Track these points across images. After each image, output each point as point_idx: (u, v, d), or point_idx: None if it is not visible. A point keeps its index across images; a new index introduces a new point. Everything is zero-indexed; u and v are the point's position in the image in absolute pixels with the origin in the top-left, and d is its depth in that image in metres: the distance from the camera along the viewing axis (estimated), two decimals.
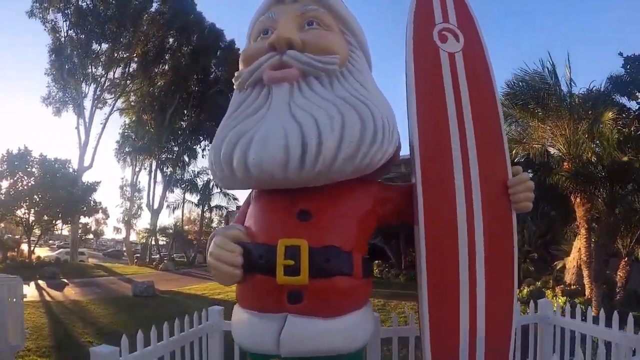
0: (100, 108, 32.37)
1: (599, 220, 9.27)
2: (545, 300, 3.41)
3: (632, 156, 7.90)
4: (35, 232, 24.11)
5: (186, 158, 36.68)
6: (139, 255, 35.56)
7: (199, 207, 36.89)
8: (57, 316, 8.86)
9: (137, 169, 36.32)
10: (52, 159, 22.42)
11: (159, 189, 36.09)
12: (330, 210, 1.79)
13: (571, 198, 9.25)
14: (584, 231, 8.94)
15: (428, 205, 1.82)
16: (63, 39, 29.41)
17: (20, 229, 23.35)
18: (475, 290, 1.80)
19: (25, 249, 23.44)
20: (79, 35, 29.29)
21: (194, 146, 37.19)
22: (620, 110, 10.76)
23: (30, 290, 12.02)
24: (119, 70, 32.49)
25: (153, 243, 37.26)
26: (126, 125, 35.45)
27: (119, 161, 35.39)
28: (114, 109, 33.54)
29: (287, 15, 1.94)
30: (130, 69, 33.06)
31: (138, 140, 33.94)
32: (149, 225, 35.72)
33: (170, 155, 35.97)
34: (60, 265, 22.48)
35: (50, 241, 51.34)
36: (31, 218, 22.08)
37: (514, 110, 10.20)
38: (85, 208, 24.32)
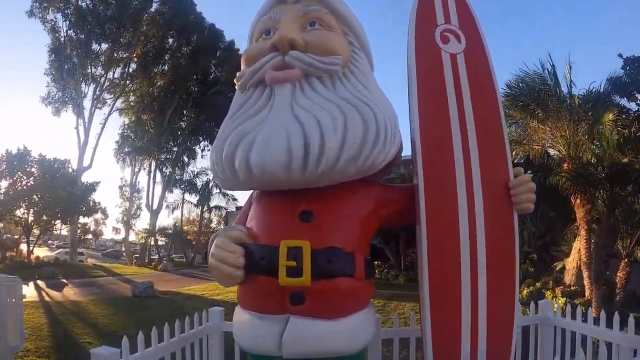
0: (100, 108, 32.41)
1: (599, 222, 9.26)
2: (546, 301, 3.41)
3: (632, 157, 7.89)
4: (34, 232, 24.09)
5: (185, 158, 36.69)
6: (138, 256, 35.51)
7: (198, 208, 36.85)
8: (57, 316, 8.84)
9: (137, 169, 36.33)
10: (52, 159, 22.41)
11: (158, 189, 36.11)
12: (333, 212, 1.78)
13: (571, 199, 9.25)
14: (584, 232, 8.93)
15: (430, 205, 1.82)
16: (63, 38, 29.40)
17: (20, 229, 23.33)
18: (477, 290, 1.80)
19: (24, 249, 23.41)
20: (79, 35, 29.28)
21: (194, 146, 37.19)
22: (620, 112, 10.75)
23: (30, 291, 12.00)
24: (118, 70, 32.54)
25: (152, 243, 37.24)
26: (125, 126, 35.45)
27: (118, 161, 35.40)
28: (114, 109, 33.56)
29: (289, 16, 1.92)
30: (130, 69, 33.07)
31: (137, 141, 33.91)
32: (148, 226, 35.71)
33: (170, 156, 35.95)
34: (59, 265, 22.46)
35: (49, 241, 51.30)
36: (30, 218, 22.07)
37: (514, 111, 10.19)
38: (84, 208, 24.29)
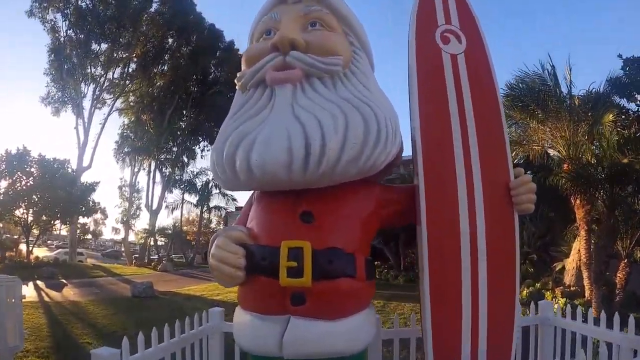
0: (100, 108, 32.42)
1: (598, 222, 9.26)
2: (546, 302, 3.41)
3: (632, 158, 7.89)
4: (33, 232, 24.08)
5: (185, 159, 36.66)
6: (137, 256, 35.50)
7: (198, 208, 36.83)
8: (56, 317, 8.83)
9: (136, 170, 36.32)
10: (51, 159, 22.40)
11: (158, 190, 36.09)
12: (333, 212, 1.78)
13: (571, 200, 9.25)
14: (584, 233, 8.93)
15: (430, 206, 1.82)
16: (62, 38, 29.39)
17: (19, 229, 23.32)
18: (478, 290, 1.80)
19: (24, 249, 23.40)
20: (79, 35, 29.27)
21: (193, 147, 37.17)
22: (620, 112, 10.76)
23: (29, 291, 11.98)
24: (118, 70, 32.54)
25: (152, 243, 37.22)
26: (125, 126, 35.43)
27: (117, 161, 35.39)
28: (113, 109, 33.57)
29: (290, 16, 1.92)
30: (130, 69, 33.06)
31: (137, 141, 33.89)
32: (147, 226, 35.70)
33: (169, 156, 35.93)
34: (58, 265, 22.45)
35: (48, 241, 51.27)
36: (30, 218, 22.05)
37: (514, 112, 10.20)
38: (83, 208, 24.28)
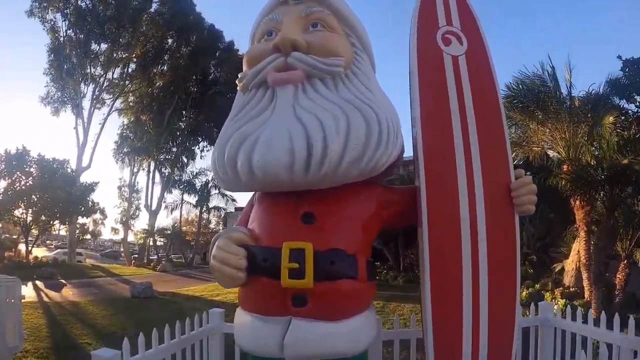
0: (99, 108, 32.42)
1: (598, 223, 9.27)
2: (546, 303, 3.41)
3: (632, 158, 7.90)
4: (32, 232, 24.07)
5: (184, 159, 36.68)
6: (136, 256, 35.48)
7: (197, 208, 36.87)
8: (55, 317, 8.82)
9: (136, 170, 36.33)
10: (50, 159, 22.42)
11: (157, 190, 36.11)
12: (335, 213, 1.78)
13: (570, 201, 9.26)
14: (584, 234, 8.93)
15: (432, 207, 1.82)
16: (62, 38, 29.39)
17: (18, 229, 23.32)
18: (478, 291, 1.80)
19: (23, 249, 23.39)
20: (78, 35, 29.27)
21: (193, 147, 37.19)
22: (619, 113, 10.78)
23: (28, 291, 11.97)
24: (117, 70, 32.55)
25: (151, 244, 37.22)
26: (125, 126, 35.42)
27: (117, 162, 35.40)
28: (113, 110, 33.56)
29: (291, 17, 1.91)
30: (129, 69, 33.06)
31: (136, 141, 33.87)
32: (146, 226, 35.71)
33: (169, 156, 35.94)
34: (58, 265, 22.43)
35: (47, 241, 51.23)
36: (29, 218, 22.05)
37: (514, 113, 10.21)
38: (83, 208, 24.29)
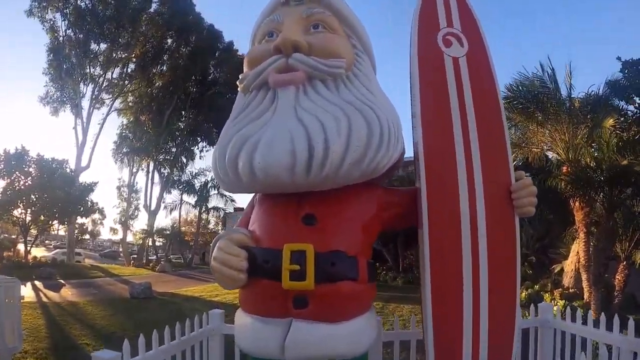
0: (98, 108, 32.41)
1: (598, 224, 9.28)
2: (546, 304, 3.41)
3: (632, 159, 7.91)
4: (31, 232, 24.03)
5: (184, 159, 36.65)
6: (135, 257, 35.45)
7: (196, 209, 36.83)
8: (54, 317, 8.81)
9: (135, 170, 36.31)
10: (50, 159, 22.39)
11: (157, 190, 36.09)
12: (336, 215, 1.77)
13: (570, 202, 9.27)
14: (583, 235, 8.94)
15: (432, 207, 1.82)
16: (61, 38, 29.38)
17: (17, 228, 23.27)
18: (479, 291, 1.80)
19: (22, 249, 23.35)
20: (78, 35, 29.26)
21: (192, 147, 37.18)
22: (619, 114, 10.78)
23: (27, 291, 11.96)
24: (117, 70, 32.55)
25: (150, 244, 37.18)
26: (124, 126, 35.41)
27: (116, 162, 35.40)
28: (112, 110, 33.57)
29: (293, 18, 1.91)
30: (129, 69, 33.07)
31: (136, 141, 33.86)
32: (146, 226, 35.67)
33: (168, 156, 35.91)
34: (57, 265, 22.40)
35: (46, 241, 51.16)
36: (28, 218, 22.02)
37: (514, 114, 10.21)
38: (82, 208, 24.27)
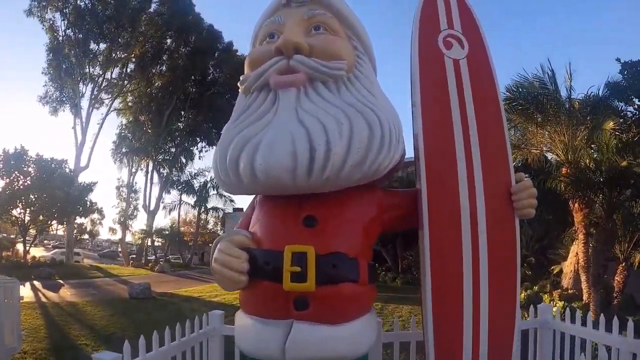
0: (97, 108, 32.41)
1: (597, 226, 9.28)
2: (545, 305, 3.42)
3: (631, 161, 7.92)
4: (30, 232, 24.01)
5: (183, 159, 36.63)
6: (134, 257, 35.41)
7: (196, 209, 36.80)
8: (53, 318, 8.80)
9: (134, 170, 36.29)
10: (49, 159, 22.36)
11: (156, 190, 36.08)
12: (336, 217, 1.77)
13: (569, 203, 9.28)
14: (582, 236, 8.95)
15: (433, 208, 1.83)
16: (61, 38, 29.37)
17: (16, 228, 23.24)
18: (479, 292, 1.81)
19: (21, 248, 23.32)
20: (77, 35, 29.25)
21: (191, 147, 37.16)
22: (618, 116, 10.79)
23: (26, 291, 11.94)
24: (116, 70, 32.56)
25: (149, 244, 37.13)
26: (123, 126, 35.43)
27: (115, 162, 35.39)
28: (111, 109, 33.57)
29: (294, 19, 1.91)
30: (128, 69, 33.09)
31: (135, 141, 33.86)
32: (145, 226, 35.65)
33: (167, 157, 35.90)
34: (56, 265, 22.38)
35: (45, 241, 51.12)
36: (27, 218, 21.98)
37: (513, 115, 10.21)
38: (81, 208, 24.25)
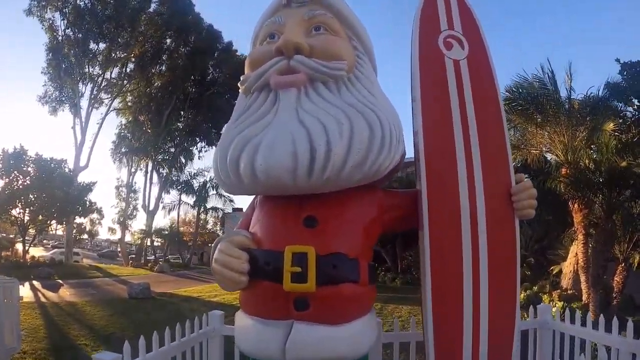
0: (97, 108, 32.42)
1: (596, 226, 9.29)
2: (545, 305, 3.42)
3: (631, 161, 7.92)
4: (30, 232, 23.99)
5: (182, 159, 36.62)
6: (133, 257, 35.38)
7: (195, 209, 36.78)
8: (53, 318, 8.80)
9: (133, 170, 36.27)
10: (48, 159, 22.34)
11: (155, 190, 36.09)
12: (337, 217, 1.77)
13: (569, 203, 9.28)
14: (582, 237, 8.96)
15: (433, 208, 1.83)
16: (60, 37, 29.35)
17: (15, 228, 23.22)
18: (479, 292, 1.81)
19: (20, 248, 23.30)
20: (77, 35, 29.24)
21: (191, 147, 37.16)
22: (617, 116, 10.79)
23: (25, 291, 11.93)
24: (116, 70, 32.57)
25: (148, 244, 37.12)
26: (123, 126, 35.43)
27: (115, 162, 35.37)
28: (111, 109, 33.57)
29: (294, 20, 1.91)
30: (128, 69, 33.10)
31: (134, 141, 33.84)
32: (144, 226, 35.64)
33: (167, 157, 35.90)
34: (55, 265, 22.37)
35: (44, 241, 51.08)
36: (26, 218, 21.97)
37: (513, 116, 10.21)
38: (80, 208, 24.23)
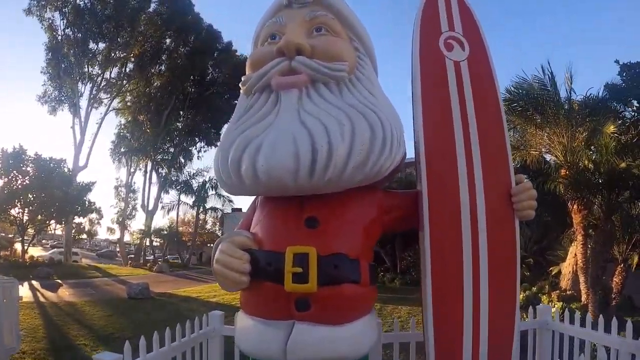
0: (96, 108, 32.40)
1: (595, 227, 9.29)
2: (544, 306, 3.43)
3: (630, 162, 7.93)
4: (29, 232, 23.95)
5: (182, 159, 36.58)
6: (132, 257, 35.34)
7: (194, 209, 36.71)
8: (52, 318, 8.79)
9: (133, 170, 36.24)
10: (47, 159, 22.32)
11: (154, 190, 36.03)
12: (338, 218, 1.78)
13: (568, 204, 9.28)
14: (581, 238, 8.96)
15: (433, 208, 1.84)
16: (60, 37, 29.32)
17: (14, 228, 23.19)
18: (479, 292, 1.82)
19: (19, 248, 23.27)
20: (76, 34, 29.22)
21: (190, 147, 37.13)
22: (617, 117, 10.80)
23: (24, 291, 11.91)
24: (115, 70, 32.52)
25: (147, 244, 37.07)
26: (122, 126, 35.38)
27: (114, 161, 35.34)
28: (110, 109, 33.53)
29: (296, 21, 1.91)
30: (127, 69, 33.06)
31: (134, 141, 33.81)
32: (143, 226, 35.57)
33: (166, 156, 35.87)
34: (54, 265, 22.33)
35: (43, 240, 50.99)
36: (25, 217, 21.94)
37: (513, 117, 10.21)
38: (79, 208, 24.21)
